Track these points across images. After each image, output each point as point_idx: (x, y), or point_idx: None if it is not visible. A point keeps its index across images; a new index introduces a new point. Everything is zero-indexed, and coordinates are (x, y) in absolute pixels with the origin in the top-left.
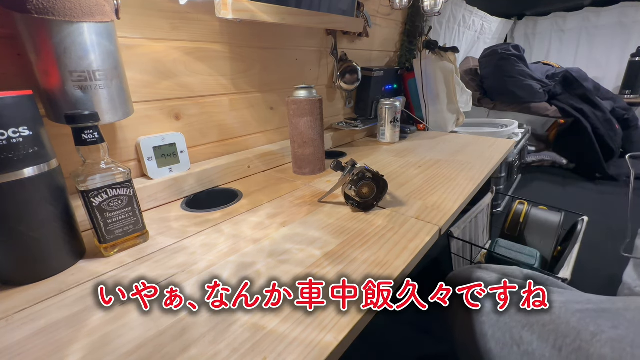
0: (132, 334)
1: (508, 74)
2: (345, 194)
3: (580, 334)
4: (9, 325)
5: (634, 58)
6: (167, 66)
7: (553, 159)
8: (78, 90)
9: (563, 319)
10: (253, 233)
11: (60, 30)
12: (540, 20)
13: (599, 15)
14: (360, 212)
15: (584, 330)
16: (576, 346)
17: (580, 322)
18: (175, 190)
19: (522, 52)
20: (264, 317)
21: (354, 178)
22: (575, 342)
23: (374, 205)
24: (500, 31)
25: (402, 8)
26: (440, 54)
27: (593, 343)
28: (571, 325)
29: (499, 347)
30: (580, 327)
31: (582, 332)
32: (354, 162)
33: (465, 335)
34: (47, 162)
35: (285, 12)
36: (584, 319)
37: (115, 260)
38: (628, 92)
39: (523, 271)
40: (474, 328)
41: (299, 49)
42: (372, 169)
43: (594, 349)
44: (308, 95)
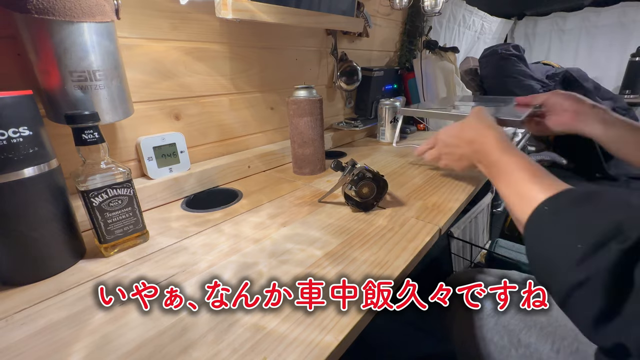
0: (132, 334)
1: (508, 74)
2: (346, 194)
3: (578, 336)
4: (8, 325)
5: (634, 58)
6: (167, 66)
7: (553, 158)
8: (78, 90)
9: (561, 321)
10: (253, 233)
11: (60, 30)
12: (540, 20)
13: (599, 15)
14: (361, 212)
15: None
16: (574, 348)
17: None
18: (175, 190)
19: (522, 52)
20: (264, 317)
21: (354, 178)
22: (573, 345)
23: (374, 205)
24: (500, 31)
25: (402, 8)
26: (440, 54)
27: (591, 345)
28: (569, 327)
29: (498, 350)
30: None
31: (580, 334)
32: (354, 162)
33: (465, 337)
34: (47, 162)
35: (285, 12)
36: None
37: (116, 260)
38: (628, 92)
39: (522, 275)
40: (473, 330)
41: (299, 48)
42: (372, 168)
43: (592, 350)
44: (308, 95)
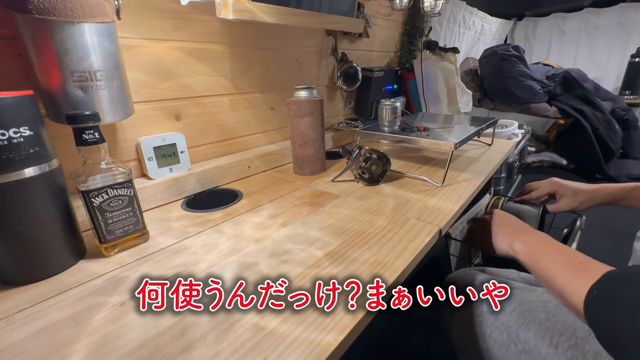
0: (133, 334)
1: (508, 75)
2: (359, 172)
3: (576, 332)
4: (9, 325)
5: (633, 59)
6: (168, 66)
7: (553, 159)
8: (79, 91)
9: (559, 316)
10: (254, 233)
11: (61, 31)
12: (540, 21)
13: (598, 16)
14: (361, 212)
15: (580, 328)
16: (572, 343)
17: (576, 320)
18: (175, 190)
19: (522, 53)
20: (265, 317)
21: (366, 157)
22: (571, 339)
23: (378, 180)
24: (500, 32)
25: (402, 9)
26: (440, 55)
27: (588, 340)
28: (567, 322)
29: (497, 346)
30: (575, 324)
31: (577, 329)
32: (361, 147)
33: (463, 333)
34: (47, 162)
35: (285, 13)
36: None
37: (116, 260)
38: (628, 92)
39: (520, 274)
40: (472, 327)
41: (299, 49)
42: (377, 149)
43: (590, 345)
44: (309, 95)
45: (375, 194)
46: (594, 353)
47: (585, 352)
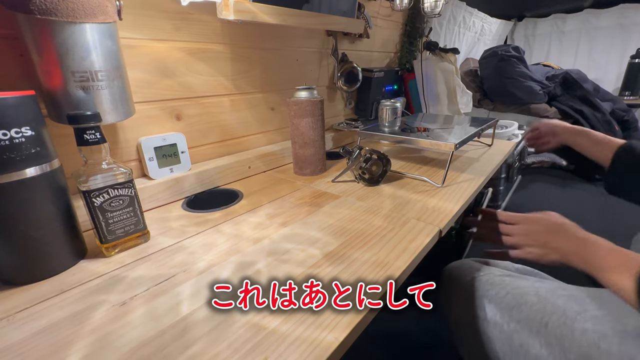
0: (133, 334)
1: (508, 75)
2: (359, 173)
3: (566, 312)
4: (10, 324)
5: (633, 59)
6: (169, 66)
7: (553, 160)
8: (80, 91)
9: (550, 300)
10: (253, 233)
11: (62, 31)
12: (540, 22)
13: (598, 17)
14: (361, 213)
15: (570, 309)
16: (561, 322)
17: (567, 303)
18: (176, 190)
19: (522, 54)
20: (265, 317)
21: (366, 158)
22: (560, 319)
23: (379, 181)
24: (500, 32)
25: (402, 9)
26: (440, 55)
27: (577, 319)
28: (557, 305)
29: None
30: (566, 306)
31: (567, 310)
32: (361, 147)
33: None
34: (49, 162)
35: (286, 13)
36: (569, 301)
37: (116, 260)
38: (627, 93)
39: (515, 265)
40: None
41: (299, 49)
42: (377, 149)
43: (578, 324)
44: (309, 96)
45: (375, 194)
46: (581, 330)
47: (574, 329)
